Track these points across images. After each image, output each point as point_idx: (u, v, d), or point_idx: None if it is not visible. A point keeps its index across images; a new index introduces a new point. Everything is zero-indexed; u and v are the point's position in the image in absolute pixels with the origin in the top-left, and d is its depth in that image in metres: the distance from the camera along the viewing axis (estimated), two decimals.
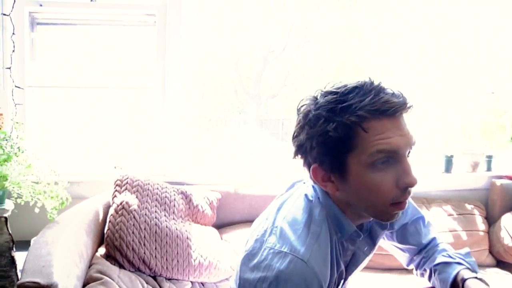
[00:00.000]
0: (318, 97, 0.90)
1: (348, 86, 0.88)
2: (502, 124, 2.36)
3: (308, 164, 0.93)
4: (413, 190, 0.92)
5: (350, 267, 1.07)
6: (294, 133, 0.94)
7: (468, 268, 1.06)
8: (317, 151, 0.88)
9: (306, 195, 1.00)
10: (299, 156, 0.95)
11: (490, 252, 2.14)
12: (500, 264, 2.12)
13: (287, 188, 1.11)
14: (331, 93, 0.88)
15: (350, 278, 1.12)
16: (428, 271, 1.14)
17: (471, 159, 2.33)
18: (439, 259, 1.11)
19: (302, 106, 0.93)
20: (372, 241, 1.08)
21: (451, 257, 1.10)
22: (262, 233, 0.96)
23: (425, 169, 2.41)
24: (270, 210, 1.03)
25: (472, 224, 2.13)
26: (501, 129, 2.37)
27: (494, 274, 1.99)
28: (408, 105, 0.87)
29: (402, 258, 1.25)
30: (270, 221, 0.98)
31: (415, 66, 3.97)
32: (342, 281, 1.08)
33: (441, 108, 2.96)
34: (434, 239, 1.20)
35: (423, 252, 1.18)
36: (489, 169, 2.38)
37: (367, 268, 1.96)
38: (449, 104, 3.05)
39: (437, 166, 2.38)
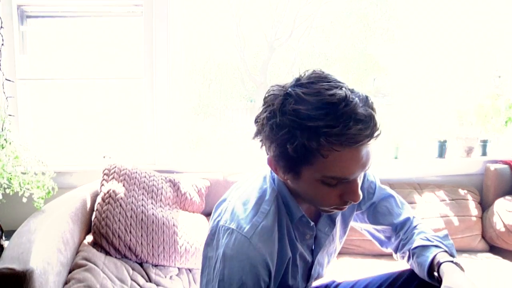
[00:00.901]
0: (288, 96, 0.84)
1: (321, 99, 0.81)
2: (497, 107, 2.34)
3: (265, 150, 0.93)
4: (406, 176, 0.95)
5: (316, 249, 1.11)
6: (256, 118, 0.92)
7: (446, 251, 1.06)
8: (274, 153, 0.88)
9: (264, 177, 1.04)
10: (255, 138, 0.94)
11: (483, 237, 2.13)
12: (493, 249, 2.11)
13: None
14: (301, 100, 0.82)
15: (319, 260, 1.14)
16: (407, 253, 1.14)
17: (465, 144, 2.31)
18: (417, 242, 1.12)
19: (270, 97, 0.88)
20: (332, 221, 1.10)
21: (429, 240, 1.10)
22: (219, 212, 1.01)
23: (418, 154, 2.40)
24: (231, 189, 1.09)
25: (465, 210, 2.12)
26: (496, 113, 2.34)
27: (486, 259, 1.99)
28: (375, 135, 0.83)
29: (378, 240, 1.26)
30: (228, 200, 1.03)
31: (422, 50, 3.94)
32: (310, 263, 1.12)
33: (439, 92, 2.94)
34: (409, 219, 1.20)
35: (400, 234, 1.19)
36: (484, 154, 2.36)
37: (357, 254, 1.99)
38: (448, 88, 3.02)
39: (430, 151, 2.36)
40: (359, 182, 0.91)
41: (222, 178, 1.95)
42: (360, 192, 0.91)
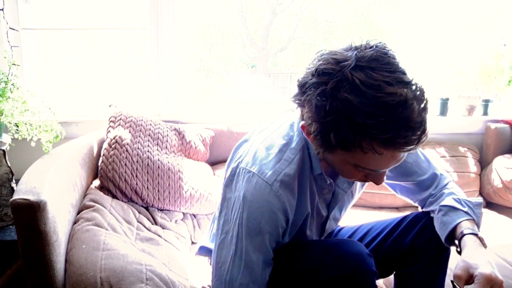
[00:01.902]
0: (344, 80, 0.77)
1: (379, 96, 0.75)
2: (501, 67, 2.33)
3: (301, 113, 0.91)
4: None
5: (332, 204, 1.12)
6: (302, 83, 0.86)
7: (473, 220, 1.03)
8: (311, 127, 0.86)
9: (292, 124, 1.02)
10: (295, 102, 0.90)
11: (480, 193, 2.18)
12: (489, 205, 2.16)
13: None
14: (357, 90, 0.76)
15: (335, 214, 1.17)
16: (433, 212, 1.12)
17: (467, 103, 2.32)
18: (449, 201, 1.08)
19: (324, 70, 0.81)
20: None
21: (461, 203, 1.06)
22: (240, 154, 1.02)
23: None
24: (253, 132, 1.08)
25: (464, 166, 2.16)
26: (500, 73, 2.34)
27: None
28: (421, 142, 0.79)
29: (408, 196, 1.24)
30: (250, 142, 1.03)
31: (426, 18, 3.89)
32: (325, 217, 1.14)
33: (443, 52, 2.92)
34: (437, 176, 1.16)
35: (430, 190, 1.16)
36: (485, 113, 2.37)
37: (358, 205, 2.03)
38: (452, 48, 3.00)
39: (432, 109, 2.37)
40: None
41: (226, 128, 1.98)
42: (384, 178, 0.92)
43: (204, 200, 1.65)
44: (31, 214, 1.00)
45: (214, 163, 1.93)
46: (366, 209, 2.03)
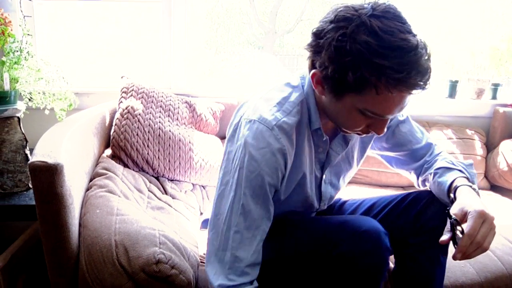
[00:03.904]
0: (363, 25, 0.84)
1: (394, 40, 0.82)
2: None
3: (312, 62, 0.95)
4: (416, 113, 0.99)
5: (325, 165, 1.15)
6: (318, 31, 0.91)
7: (467, 178, 1.09)
8: (327, 70, 0.89)
9: (289, 82, 1.07)
10: (309, 50, 0.95)
11: (485, 176, 2.20)
12: (494, 188, 2.18)
13: None
14: (374, 34, 0.83)
15: (329, 178, 1.19)
16: (429, 175, 1.17)
17: (476, 86, 2.32)
18: (441, 163, 1.15)
19: (341, 16, 0.87)
20: (345, 142, 1.15)
21: (453, 164, 1.14)
22: (242, 112, 1.05)
23: (428, 93, 2.42)
24: (253, 95, 1.11)
25: (470, 149, 2.17)
26: (511, 56, 2.33)
27: (487, 196, 2.06)
28: (426, 87, 0.87)
29: (404, 167, 1.28)
30: (249, 102, 1.06)
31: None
32: (319, 179, 1.17)
33: (453, 34, 2.90)
34: (431, 145, 1.23)
35: (425, 157, 1.21)
36: (494, 97, 2.37)
37: (364, 183, 2.06)
38: (464, 31, 2.97)
39: (441, 91, 2.38)
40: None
41: (237, 103, 1.99)
42: (385, 128, 0.97)
43: (213, 172, 1.68)
44: (49, 176, 1.03)
45: (223, 137, 1.93)
46: (372, 187, 2.06)
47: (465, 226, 0.93)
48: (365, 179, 2.07)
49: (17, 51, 1.52)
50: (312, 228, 1.07)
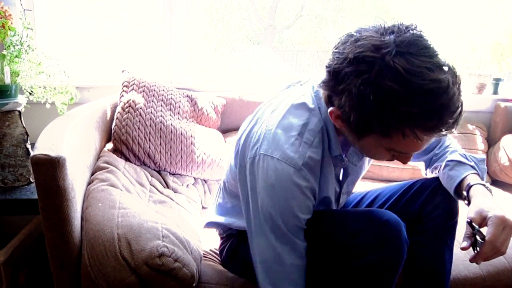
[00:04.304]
0: (386, 68, 0.76)
1: (422, 84, 0.75)
2: None
3: (329, 97, 0.91)
4: None
5: (343, 179, 1.13)
6: (335, 69, 0.84)
7: (478, 174, 1.08)
8: (348, 115, 0.85)
9: (304, 102, 1.00)
10: (325, 88, 0.90)
11: (487, 171, 2.20)
12: (495, 183, 2.18)
13: (283, 90, 1.13)
14: (400, 79, 0.75)
15: (346, 189, 1.18)
16: (439, 165, 1.16)
17: (478, 81, 2.32)
18: (455, 156, 1.12)
19: (363, 57, 0.79)
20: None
21: (466, 158, 1.11)
22: (256, 139, 0.99)
23: None
24: (263, 111, 1.06)
25: (472, 143, 2.17)
26: None
27: None
28: (458, 123, 0.81)
29: (413, 160, 1.23)
30: (263, 124, 1.01)
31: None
32: (338, 193, 1.16)
33: (455, 28, 2.89)
34: (444, 138, 1.21)
35: (434, 150, 1.19)
36: (495, 92, 2.37)
37: (366, 178, 2.06)
38: (465, 25, 2.96)
39: None
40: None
41: (238, 97, 1.99)
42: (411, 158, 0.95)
43: (215, 166, 1.68)
44: (51, 169, 1.02)
45: (225, 131, 1.95)
46: (373, 181, 2.06)
47: (486, 232, 0.93)
48: (367, 174, 2.07)
49: (18, 44, 1.52)
50: (332, 219, 1.06)
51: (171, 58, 2.06)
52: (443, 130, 0.80)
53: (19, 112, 1.53)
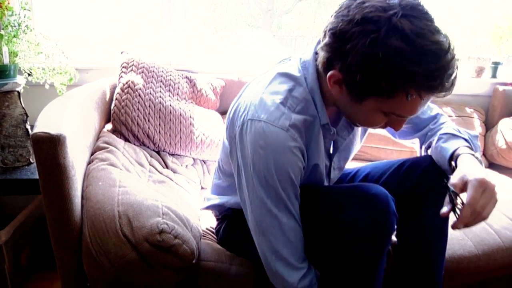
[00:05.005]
0: (394, 29, 0.79)
1: (425, 44, 0.78)
2: None
3: (329, 62, 0.91)
4: None
5: (333, 152, 1.14)
6: (339, 31, 0.84)
7: (471, 148, 1.08)
8: (353, 76, 0.86)
9: (288, 73, 1.02)
10: (328, 51, 0.90)
11: (484, 154, 2.21)
12: (492, 166, 2.20)
13: (274, 66, 1.13)
14: (406, 39, 0.78)
15: (337, 163, 1.19)
16: (433, 141, 1.16)
17: (476, 64, 2.32)
18: (448, 130, 1.14)
19: (371, 17, 0.81)
20: (350, 125, 1.13)
21: (459, 132, 1.13)
22: (244, 108, 1.00)
23: None
24: (251, 84, 1.08)
25: (470, 127, 2.18)
26: None
27: None
28: (453, 86, 0.84)
29: (407, 137, 1.29)
30: (251, 94, 1.02)
31: None
32: (328, 167, 1.16)
33: (454, 11, 2.87)
34: (437, 114, 1.22)
35: (429, 125, 1.21)
36: (494, 76, 2.37)
37: (364, 160, 2.07)
38: (465, 8, 2.94)
39: None
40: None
41: (237, 79, 1.99)
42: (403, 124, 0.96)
43: (214, 146, 1.69)
44: (52, 147, 1.02)
45: (224, 112, 1.95)
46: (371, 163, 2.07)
47: (466, 196, 0.92)
48: (365, 155, 2.08)
49: (15, 25, 1.51)
50: (321, 195, 1.07)
51: (170, 40, 2.05)
52: (443, 91, 0.83)
53: (18, 92, 1.53)
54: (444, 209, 0.96)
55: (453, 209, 0.96)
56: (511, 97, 2.25)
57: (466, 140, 1.10)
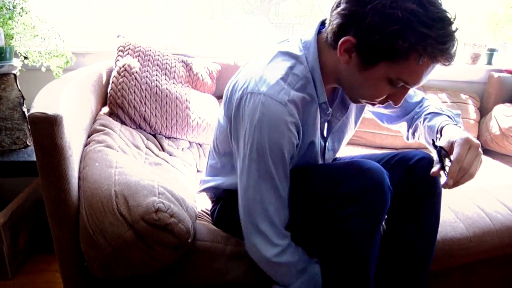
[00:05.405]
0: None
1: (437, 11, 0.85)
2: (510, 15, 2.31)
3: (342, 29, 0.93)
4: None
5: (328, 133, 1.17)
6: None
7: (454, 125, 1.12)
8: (370, 38, 0.89)
9: (289, 51, 1.04)
10: (343, 16, 0.93)
11: (478, 140, 2.23)
12: (485, 152, 2.22)
13: (274, 45, 1.15)
14: (421, 4, 0.85)
15: (331, 144, 1.21)
16: (420, 123, 1.21)
17: (472, 51, 2.33)
18: (432, 109, 1.20)
19: None
20: (344, 107, 1.15)
21: (442, 110, 1.19)
22: (243, 83, 1.02)
23: None
24: (249, 63, 1.09)
25: (464, 113, 2.20)
26: (509, 21, 2.33)
27: None
28: (455, 57, 0.90)
29: (394, 121, 1.32)
30: (251, 71, 1.04)
31: None
32: (323, 148, 1.19)
33: None
34: (423, 99, 1.27)
35: (415, 109, 1.26)
36: (489, 62, 2.38)
37: (359, 145, 2.09)
38: None
39: None
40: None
41: (233, 63, 1.99)
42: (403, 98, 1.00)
43: (210, 130, 1.70)
44: (49, 127, 1.03)
45: (220, 96, 1.95)
46: (367, 148, 2.10)
47: (453, 154, 0.97)
48: (360, 140, 2.10)
49: (10, 8, 1.50)
50: (318, 172, 1.09)
51: (167, 25, 2.05)
52: (448, 59, 0.89)
53: (15, 75, 1.53)
54: (434, 169, 1.02)
55: (442, 167, 1.00)
56: (506, 84, 2.27)
57: (449, 116, 1.16)
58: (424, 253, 1.18)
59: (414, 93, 1.28)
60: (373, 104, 1.04)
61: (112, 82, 1.56)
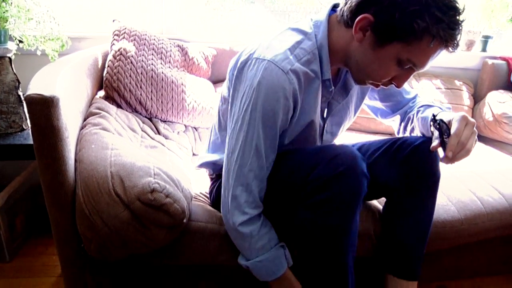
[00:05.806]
0: None
1: (452, 0, 0.89)
2: (505, 2, 2.32)
3: (360, 7, 0.95)
4: None
5: (327, 114, 1.18)
6: None
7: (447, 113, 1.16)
8: (389, 16, 0.91)
9: (299, 28, 1.06)
10: None
11: None
12: (479, 137, 2.21)
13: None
14: None
15: (330, 127, 1.22)
16: (414, 116, 1.24)
17: (467, 38, 2.34)
18: (424, 102, 1.25)
19: None
20: (346, 91, 1.17)
21: (434, 103, 1.24)
22: (250, 49, 1.05)
23: None
24: (256, 40, 1.10)
25: (458, 99, 2.21)
26: (504, 8, 2.33)
27: None
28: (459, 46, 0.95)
29: (387, 116, 1.36)
30: (259, 42, 1.06)
31: None
32: (322, 128, 1.20)
33: None
34: (416, 95, 1.32)
35: (409, 104, 1.30)
36: (484, 49, 2.39)
37: (354, 130, 2.10)
38: None
39: None
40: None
41: (229, 48, 2.00)
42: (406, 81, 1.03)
43: (205, 114, 1.71)
44: (45, 108, 1.04)
45: (215, 81, 1.97)
46: (361, 133, 2.12)
47: (451, 129, 1.03)
48: (355, 125, 2.12)
49: None
50: (291, 157, 1.10)
51: (162, 8, 2.04)
52: (455, 45, 0.93)
53: (10, 58, 1.53)
54: (434, 143, 1.06)
55: (442, 142, 1.04)
56: (499, 71, 2.28)
57: (440, 108, 1.21)
58: (417, 246, 1.22)
59: (409, 91, 1.32)
60: (377, 86, 1.05)
61: (108, 66, 1.56)
